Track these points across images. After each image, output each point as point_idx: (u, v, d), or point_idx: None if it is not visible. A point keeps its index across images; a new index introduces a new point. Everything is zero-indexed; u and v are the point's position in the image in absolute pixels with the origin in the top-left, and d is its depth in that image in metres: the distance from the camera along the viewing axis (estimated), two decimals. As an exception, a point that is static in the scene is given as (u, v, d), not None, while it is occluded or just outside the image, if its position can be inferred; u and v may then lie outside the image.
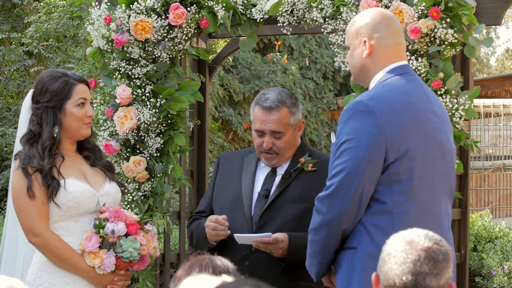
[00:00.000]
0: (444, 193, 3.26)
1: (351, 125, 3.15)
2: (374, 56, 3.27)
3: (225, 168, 4.14)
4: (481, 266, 6.21)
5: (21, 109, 3.87)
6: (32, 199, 3.58)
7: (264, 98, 3.97)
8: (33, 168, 3.59)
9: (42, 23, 8.99)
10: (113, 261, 3.61)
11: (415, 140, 3.14)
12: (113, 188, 3.78)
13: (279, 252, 3.79)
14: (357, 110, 3.15)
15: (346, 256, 3.19)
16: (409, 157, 3.12)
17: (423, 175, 3.15)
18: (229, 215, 3.97)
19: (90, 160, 3.79)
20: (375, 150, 3.10)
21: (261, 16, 4.41)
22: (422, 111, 3.21)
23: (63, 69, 6.30)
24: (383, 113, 3.12)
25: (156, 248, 3.76)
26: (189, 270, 2.26)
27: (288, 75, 13.72)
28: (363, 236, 3.15)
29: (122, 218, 3.64)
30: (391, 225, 3.10)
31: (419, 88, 3.27)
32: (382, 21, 3.28)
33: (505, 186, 12.26)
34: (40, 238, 3.59)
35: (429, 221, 3.14)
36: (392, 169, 3.11)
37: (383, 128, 3.10)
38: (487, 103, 12.42)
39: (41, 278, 3.63)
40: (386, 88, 3.22)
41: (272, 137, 3.94)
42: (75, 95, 3.69)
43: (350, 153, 3.12)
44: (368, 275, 3.09)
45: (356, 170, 3.10)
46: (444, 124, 3.30)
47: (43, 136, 3.64)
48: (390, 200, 3.12)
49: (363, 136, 3.11)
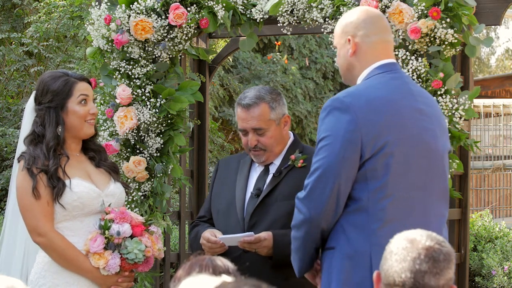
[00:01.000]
0: (433, 194, 3.20)
1: (328, 122, 3.13)
2: (358, 54, 3.25)
3: (223, 172, 4.16)
4: (481, 266, 6.21)
5: (21, 109, 3.89)
6: (38, 199, 3.58)
7: (243, 96, 3.99)
8: (38, 168, 3.59)
9: (42, 23, 8.99)
10: (118, 262, 3.61)
11: (394, 136, 3.09)
12: (118, 188, 3.79)
13: (265, 250, 3.79)
14: (334, 107, 3.14)
15: (327, 257, 3.19)
16: (386, 153, 3.07)
17: (402, 173, 3.10)
18: (224, 218, 3.98)
19: (95, 161, 3.80)
20: (350, 146, 3.07)
21: (261, 16, 4.41)
22: (404, 109, 3.16)
23: (63, 69, 6.30)
24: (360, 109, 3.09)
25: (161, 250, 3.76)
26: (189, 270, 2.26)
27: (288, 75, 13.72)
28: (340, 236, 3.13)
29: (128, 219, 3.64)
30: (366, 223, 3.08)
31: (404, 86, 3.22)
32: (367, 19, 3.25)
33: (505, 186, 12.26)
34: (45, 238, 3.60)
35: (409, 220, 3.07)
36: (368, 166, 3.08)
37: (359, 124, 3.07)
38: (487, 103, 12.42)
39: (44, 278, 3.63)
40: (366, 85, 3.19)
41: (255, 134, 3.94)
42: (76, 93, 3.69)
43: (326, 151, 3.10)
44: (345, 275, 3.10)
45: (331, 168, 3.08)
46: (432, 122, 3.23)
47: (47, 136, 3.65)
48: (366, 197, 3.09)
49: (339, 133, 3.08)
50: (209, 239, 3.87)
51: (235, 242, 3.81)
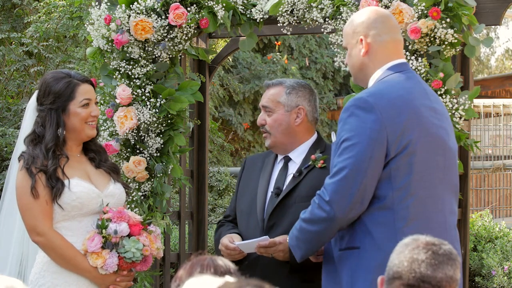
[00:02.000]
0: (447, 190, 3.25)
1: (352, 122, 3.14)
2: (371, 54, 3.27)
3: (248, 171, 4.16)
4: (481, 266, 6.20)
5: (21, 109, 3.88)
6: (36, 199, 3.58)
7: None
8: (37, 168, 3.59)
9: (42, 23, 8.98)
10: (115, 261, 3.61)
11: (416, 135, 3.14)
12: (118, 188, 3.79)
13: (281, 255, 3.76)
14: (357, 107, 3.15)
15: (350, 256, 3.19)
16: (409, 152, 3.11)
17: (423, 171, 3.14)
18: (246, 218, 3.99)
19: (96, 162, 3.79)
20: (377, 146, 3.09)
21: (261, 16, 4.41)
22: (421, 108, 3.20)
23: (64, 69, 6.29)
24: (383, 109, 3.12)
25: (159, 249, 3.76)
26: (191, 270, 2.25)
27: (288, 75, 13.71)
28: (365, 235, 3.14)
29: (125, 219, 3.63)
30: (392, 221, 3.10)
31: (418, 85, 3.28)
32: (377, 19, 3.28)
33: (505, 186, 12.25)
34: (44, 238, 3.60)
35: (430, 217, 3.13)
36: (393, 164, 3.11)
37: (384, 123, 3.10)
38: (487, 103, 12.41)
39: (44, 278, 3.63)
40: (385, 85, 3.22)
41: (264, 112, 4.00)
42: (78, 96, 3.68)
43: (352, 150, 3.11)
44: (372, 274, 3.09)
45: (359, 167, 3.10)
46: (444, 121, 3.29)
47: (47, 137, 3.65)
48: (390, 196, 3.11)
49: (365, 133, 3.10)
50: (228, 246, 3.86)
51: (252, 248, 3.79)
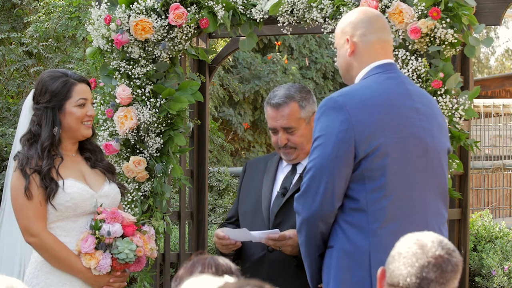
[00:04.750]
0: (431, 192, 3.20)
1: (322, 122, 3.15)
2: (357, 54, 3.25)
3: (250, 174, 4.15)
4: (481, 266, 6.20)
5: (21, 109, 3.88)
6: (30, 200, 3.58)
7: (273, 95, 3.96)
8: (31, 169, 3.59)
9: (42, 23, 8.98)
10: (109, 262, 3.61)
11: (389, 136, 3.10)
12: (113, 189, 3.78)
13: (289, 249, 3.78)
14: (328, 106, 3.15)
15: (326, 256, 3.20)
16: (381, 153, 3.08)
17: (399, 172, 3.11)
18: (251, 218, 3.98)
19: (91, 162, 3.79)
20: (343, 145, 3.08)
21: (261, 16, 4.41)
22: (400, 108, 3.16)
23: (62, 69, 6.30)
24: (352, 109, 3.10)
25: (153, 250, 3.75)
26: (192, 269, 2.25)
27: (288, 75, 13.71)
28: (338, 234, 3.14)
29: (119, 219, 3.63)
30: (366, 223, 3.09)
31: (400, 85, 3.23)
32: (364, 19, 3.26)
33: (505, 186, 12.25)
34: (37, 238, 3.59)
35: (409, 219, 3.10)
36: (364, 166, 3.09)
37: (352, 123, 3.08)
38: (487, 103, 12.41)
39: (37, 278, 3.63)
40: (361, 85, 3.21)
41: (285, 133, 3.91)
42: (75, 96, 3.68)
43: (320, 150, 3.12)
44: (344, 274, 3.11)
45: (324, 167, 3.09)
46: (429, 121, 3.23)
47: (42, 136, 3.64)
48: (363, 198, 3.10)
49: (332, 132, 3.10)
50: (218, 235, 3.87)
51: (261, 239, 3.79)
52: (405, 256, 2.32)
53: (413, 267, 2.29)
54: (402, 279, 2.30)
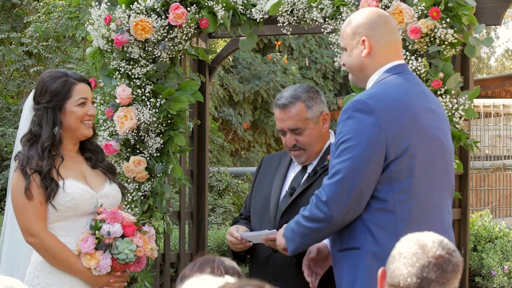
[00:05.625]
0: (444, 191, 3.26)
1: (350, 124, 3.14)
2: (373, 55, 3.26)
3: (264, 170, 4.14)
4: (481, 266, 6.20)
5: (21, 109, 3.88)
6: (30, 200, 3.58)
7: (280, 96, 3.95)
8: (31, 169, 3.59)
9: (42, 23, 8.98)
10: (108, 262, 3.60)
11: (415, 137, 3.14)
12: (113, 189, 3.78)
13: None
14: (356, 108, 3.15)
15: (350, 257, 3.19)
16: (409, 155, 3.11)
17: (424, 173, 3.15)
18: (259, 216, 3.99)
19: (92, 162, 3.78)
20: (376, 148, 3.09)
21: (261, 16, 4.41)
22: (420, 110, 3.20)
23: (62, 68, 6.30)
24: (383, 111, 3.12)
25: (154, 250, 3.75)
26: (200, 269, 2.24)
27: (288, 75, 13.71)
28: (366, 236, 3.15)
29: (119, 220, 3.63)
30: (393, 224, 3.10)
31: (416, 87, 3.27)
32: (379, 20, 3.27)
33: (505, 186, 12.25)
34: (37, 239, 3.59)
35: (431, 219, 3.15)
36: (393, 167, 3.11)
37: (383, 126, 3.10)
38: (487, 103, 12.41)
39: (38, 278, 3.63)
40: (384, 87, 3.21)
41: (293, 134, 3.89)
42: (75, 95, 3.68)
43: (351, 152, 3.11)
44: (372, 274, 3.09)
45: (356, 169, 3.10)
46: (442, 122, 3.29)
47: (43, 136, 3.64)
48: (391, 199, 3.12)
49: (364, 135, 3.10)
50: (233, 234, 3.87)
51: (260, 239, 3.79)
52: (405, 256, 2.32)
53: (413, 267, 2.29)
54: (402, 279, 2.30)
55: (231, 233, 3.89)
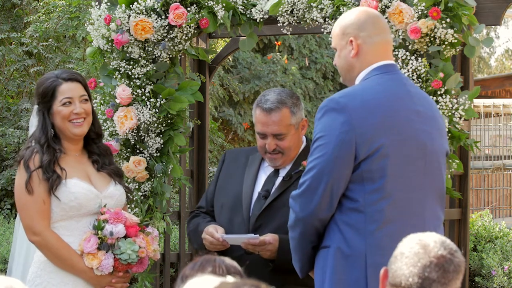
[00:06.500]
0: (429, 194, 3.20)
1: (323, 122, 3.14)
2: (361, 55, 3.23)
3: (229, 165, 4.12)
4: (481, 266, 6.21)
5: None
6: (31, 195, 3.58)
7: (264, 99, 3.94)
8: (34, 164, 3.60)
9: (42, 23, 8.99)
10: (111, 262, 3.61)
11: (390, 138, 3.09)
12: (118, 190, 3.77)
13: (267, 254, 3.78)
14: (329, 107, 3.14)
15: (321, 256, 3.19)
16: (382, 155, 3.07)
17: (399, 174, 3.10)
18: (228, 214, 3.96)
19: (98, 165, 3.78)
20: (344, 147, 3.07)
21: (261, 16, 4.41)
22: (400, 110, 3.16)
23: (63, 69, 6.31)
24: (354, 110, 3.09)
25: (156, 251, 3.75)
26: (202, 269, 2.23)
27: (288, 75, 13.72)
28: (335, 234, 3.13)
29: (122, 220, 3.63)
30: (363, 224, 3.08)
31: (401, 87, 3.22)
32: (368, 20, 3.24)
33: (505, 186, 12.26)
34: (40, 237, 3.60)
35: (407, 221, 3.09)
36: (364, 167, 3.08)
37: (353, 125, 3.08)
38: (487, 103, 12.42)
39: (40, 277, 3.64)
40: (362, 86, 3.19)
41: (275, 138, 3.89)
42: (59, 96, 3.68)
43: (321, 151, 3.11)
44: (339, 275, 3.10)
45: (325, 167, 3.08)
46: (429, 124, 3.22)
47: (38, 136, 3.67)
48: (362, 199, 3.09)
49: (333, 133, 3.09)
50: (213, 235, 3.84)
51: (238, 242, 3.79)
52: (407, 256, 2.32)
53: (415, 267, 2.30)
54: (404, 279, 2.30)
55: (211, 234, 3.85)
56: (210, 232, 3.86)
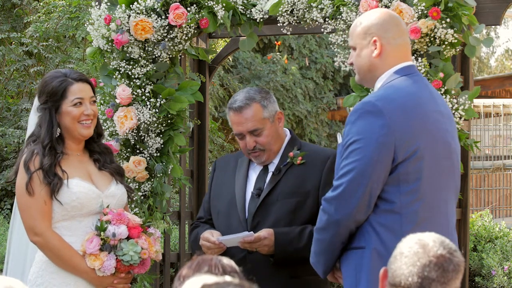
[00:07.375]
0: (450, 193, 3.27)
1: (359, 125, 3.15)
2: (383, 55, 3.26)
3: (220, 172, 4.15)
4: (481, 266, 6.21)
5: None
6: (32, 196, 3.57)
7: (233, 100, 3.99)
8: (34, 166, 3.59)
9: (42, 23, 8.99)
10: (113, 263, 3.60)
11: (424, 140, 3.15)
12: (119, 189, 3.76)
13: (265, 249, 3.80)
14: (366, 110, 3.16)
15: (354, 256, 3.20)
16: (418, 157, 3.12)
17: (431, 175, 3.16)
18: (225, 219, 3.98)
19: (99, 164, 3.77)
20: (384, 150, 3.10)
21: (261, 16, 4.41)
22: (429, 112, 3.21)
23: (68, 69, 6.31)
24: (392, 113, 3.12)
25: (158, 252, 3.74)
26: (198, 268, 2.23)
27: (288, 75, 13.72)
28: (371, 236, 3.15)
29: (124, 221, 3.62)
30: (399, 225, 3.11)
31: (425, 88, 3.28)
32: (391, 21, 3.28)
33: (505, 186, 12.26)
34: (41, 238, 3.59)
35: (436, 221, 3.16)
36: (401, 169, 3.12)
37: (392, 128, 3.11)
38: (487, 103, 12.42)
39: (42, 278, 3.63)
40: (393, 89, 3.22)
41: (252, 135, 3.93)
42: (70, 95, 3.66)
43: (359, 154, 3.12)
44: (376, 274, 3.10)
45: (364, 171, 3.11)
46: (450, 123, 3.31)
47: (42, 137, 3.64)
48: (398, 200, 3.13)
49: (372, 136, 3.11)
50: (209, 239, 3.86)
51: (235, 243, 3.80)
52: (406, 255, 2.32)
53: (414, 266, 2.30)
54: (404, 279, 2.30)
55: (206, 239, 3.87)
56: (206, 237, 3.88)
